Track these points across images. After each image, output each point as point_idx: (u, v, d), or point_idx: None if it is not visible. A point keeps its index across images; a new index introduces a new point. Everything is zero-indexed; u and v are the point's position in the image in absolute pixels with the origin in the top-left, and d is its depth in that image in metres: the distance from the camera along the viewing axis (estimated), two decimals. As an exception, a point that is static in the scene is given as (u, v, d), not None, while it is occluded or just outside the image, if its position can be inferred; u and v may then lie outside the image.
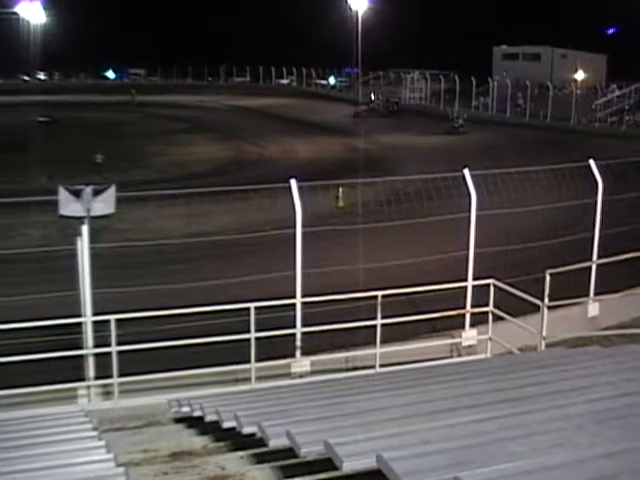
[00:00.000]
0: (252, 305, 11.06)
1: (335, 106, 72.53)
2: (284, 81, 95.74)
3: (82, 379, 11.23)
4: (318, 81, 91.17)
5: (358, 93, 74.97)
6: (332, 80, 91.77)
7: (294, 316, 11.96)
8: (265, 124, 62.58)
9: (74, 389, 11.27)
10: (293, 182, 12.08)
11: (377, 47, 65.79)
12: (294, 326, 11.97)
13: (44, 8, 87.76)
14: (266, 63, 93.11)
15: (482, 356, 12.71)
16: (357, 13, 70.47)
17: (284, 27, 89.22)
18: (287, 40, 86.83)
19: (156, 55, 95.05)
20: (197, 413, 8.70)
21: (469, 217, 13.32)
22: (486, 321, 12.86)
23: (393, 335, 12.69)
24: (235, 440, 7.72)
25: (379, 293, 11.94)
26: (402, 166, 39.88)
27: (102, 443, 6.73)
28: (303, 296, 12.02)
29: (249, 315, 11.13)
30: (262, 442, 6.78)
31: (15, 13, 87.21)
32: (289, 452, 6.33)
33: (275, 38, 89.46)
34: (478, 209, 13.34)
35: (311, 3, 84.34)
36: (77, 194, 11.02)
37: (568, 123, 55.86)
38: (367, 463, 4.95)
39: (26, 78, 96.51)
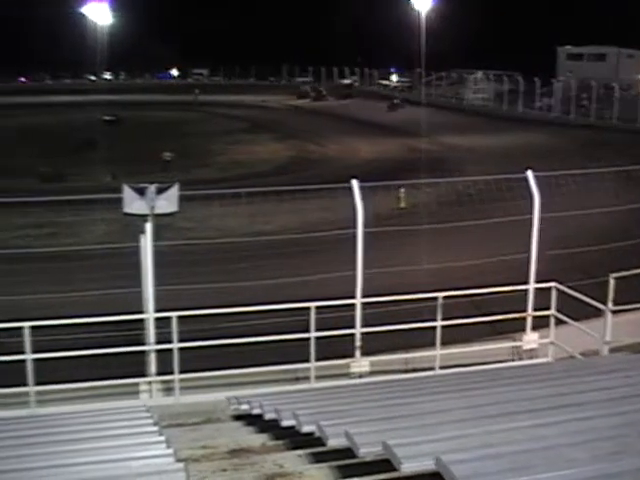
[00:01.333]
0: (313, 305, 11.06)
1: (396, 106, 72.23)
2: (346, 81, 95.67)
3: (144, 375, 11.36)
4: (380, 81, 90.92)
5: (421, 93, 74.53)
6: (394, 80, 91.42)
7: (354, 316, 11.93)
8: (326, 124, 62.64)
9: (136, 384, 11.41)
10: (354, 182, 12.05)
11: (440, 47, 65.35)
12: (354, 326, 11.95)
13: (111, 9, 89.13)
14: (328, 63, 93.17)
15: (543, 360, 12.54)
16: (420, 13, 70.13)
17: (347, 27, 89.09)
18: (349, 40, 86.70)
19: (219, 55, 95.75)
20: (256, 411, 8.74)
21: (531, 219, 13.14)
22: (548, 324, 12.69)
23: (453, 337, 12.60)
24: (293, 439, 7.74)
25: (440, 294, 11.86)
26: (464, 167, 39.59)
27: (162, 438, 6.80)
28: (363, 296, 11.99)
29: (309, 314, 11.13)
30: (320, 441, 6.78)
31: (82, 14, 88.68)
32: (347, 452, 6.33)
33: (338, 38, 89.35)
34: (540, 211, 13.16)
35: (374, 3, 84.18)
36: (141, 192, 11.15)
37: (634, 124, 54.80)
38: (426, 465, 4.93)
39: (93, 78, 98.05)
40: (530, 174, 13.12)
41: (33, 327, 10.16)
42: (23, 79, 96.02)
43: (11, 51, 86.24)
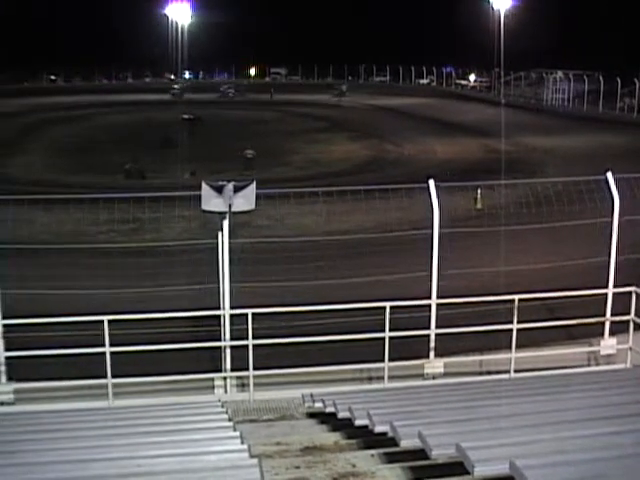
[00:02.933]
0: (387, 304, 11.06)
1: (474, 106, 71.53)
2: (424, 81, 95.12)
3: (219, 370, 11.50)
4: (458, 81, 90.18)
5: (500, 93, 73.73)
6: (472, 80, 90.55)
7: (429, 317, 11.89)
8: (404, 124, 62.39)
9: (211, 380, 11.57)
10: (431, 182, 12.01)
11: (519, 47, 64.47)
12: (428, 327, 11.90)
13: (191, 9, 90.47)
14: (406, 63, 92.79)
15: (621, 366, 12.30)
16: (499, 12, 69.50)
17: (424, 27, 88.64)
18: (427, 40, 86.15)
19: (297, 55, 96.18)
20: (330, 409, 8.79)
21: (611, 222, 12.90)
22: (626, 330, 12.44)
23: (527, 340, 12.45)
24: (366, 438, 7.76)
25: (516, 297, 11.73)
26: (543, 168, 39.01)
27: (237, 434, 6.89)
28: (438, 297, 11.94)
29: (384, 314, 11.13)
30: (393, 441, 6.80)
31: (165, 15, 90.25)
32: (420, 453, 6.33)
33: (415, 38, 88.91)
34: (621, 214, 12.91)
35: (452, 3, 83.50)
36: (219, 190, 11.30)
37: None
38: (499, 469, 4.91)
39: (172, 77, 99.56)
40: (610, 176, 12.89)
41: (112, 321, 10.38)
42: (105, 79, 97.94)
43: (94, 51, 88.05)
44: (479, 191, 27.99)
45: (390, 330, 11.12)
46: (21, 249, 15.42)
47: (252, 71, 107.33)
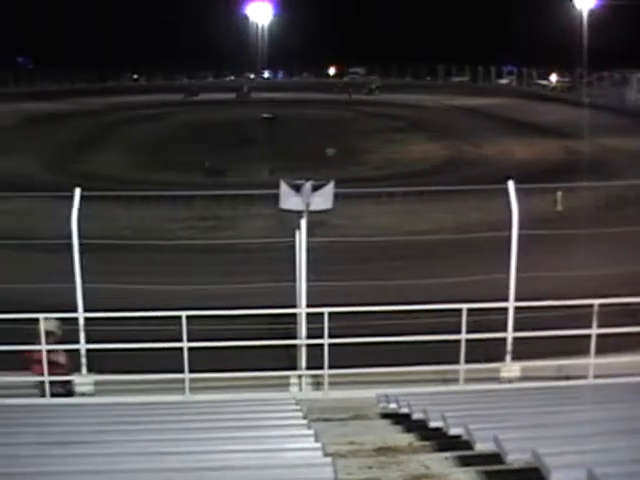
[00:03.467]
0: (464, 306, 10.96)
1: (555, 107, 70.36)
2: (503, 81, 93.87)
3: (294, 368, 11.56)
4: (538, 81, 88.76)
5: (582, 94, 72.35)
6: (553, 80, 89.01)
7: (506, 320, 11.75)
8: (482, 124, 61.75)
9: (286, 377, 11.64)
10: (510, 184, 11.86)
11: (602, 47, 63.27)
12: (505, 330, 11.77)
13: (272, 9, 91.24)
14: (486, 62, 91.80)
15: None
16: (582, 12, 68.34)
17: (503, 27, 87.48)
18: (507, 39, 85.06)
19: (376, 55, 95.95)
20: (404, 410, 8.76)
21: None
22: None
23: (608, 346, 12.20)
24: (440, 440, 7.72)
25: (596, 302, 11.51)
26: (625, 170, 38.21)
27: (311, 432, 6.92)
28: (516, 300, 11.79)
29: (461, 316, 11.04)
30: (468, 445, 6.75)
31: (245, 15, 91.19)
32: (495, 457, 6.27)
33: (496, 38, 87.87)
34: None
35: (533, 3, 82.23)
36: (297, 189, 11.36)
37: None
38: (576, 477, 4.83)
39: (252, 76, 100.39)
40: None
41: (190, 316, 10.52)
42: (187, 79, 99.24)
43: (176, 51, 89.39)
44: (559, 193, 27.59)
45: (467, 332, 11.03)
46: (103, 245, 15.75)
47: (331, 70, 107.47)
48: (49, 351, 10.80)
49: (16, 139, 53.34)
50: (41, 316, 10.51)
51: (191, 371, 10.69)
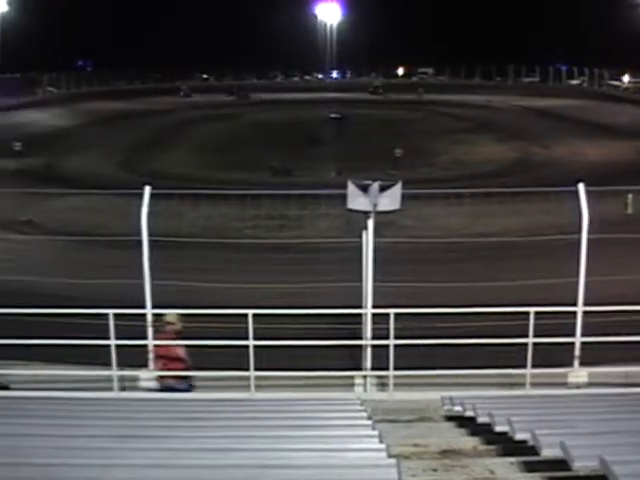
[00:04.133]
0: (532, 310, 10.81)
1: (627, 108, 69.01)
2: (574, 82, 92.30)
3: (359, 368, 11.56)
4: (610, 82, 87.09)
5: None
6: (625, 81, 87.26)
7: (574, 324, 11.57)
8: (552, 125, 60.85)
9: (351, 377, 11.63)
10: (580, 186, 11.67)
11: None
12: (573, 335, 11.58)
13: (341, 9, 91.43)
14: (556, 63, 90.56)
15: None
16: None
17: (575, 27, 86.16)
18: (578, 40, 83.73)
19: (444, 54, 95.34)
20: (469, 413, 8.69)
21: None
22: None
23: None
24: (506, 445, 7.64)
25: (667, 307, 11.26)
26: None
27: (375, 433, 6.89)
28: (585, 304, 11.60)
29: (528, 319, 10.89)
30: (534, 450, 6.67)
31: (314, 15, 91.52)
32: (561, 464, 6.18)
33: (566, 38, 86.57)
34: None
35: (607, 3, 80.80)
36: (365, 189, 11.35)
37: None
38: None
39: (320, 76, 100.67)
40: None
41: (256, 315, 10.58)
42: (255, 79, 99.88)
43: (245, 50, 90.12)
44: (629, 196, 27.08)
45: (534, 336, 10.88)
46: (171, 242, 15.95)
47: (400, 71, 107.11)
48: (171, 346, 11.06)
49: (89, 138, 54.47)
50: (110, 312, 10.68)
51: (257, 369, 10.75)
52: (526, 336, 10.86)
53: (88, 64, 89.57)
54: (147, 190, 11.60)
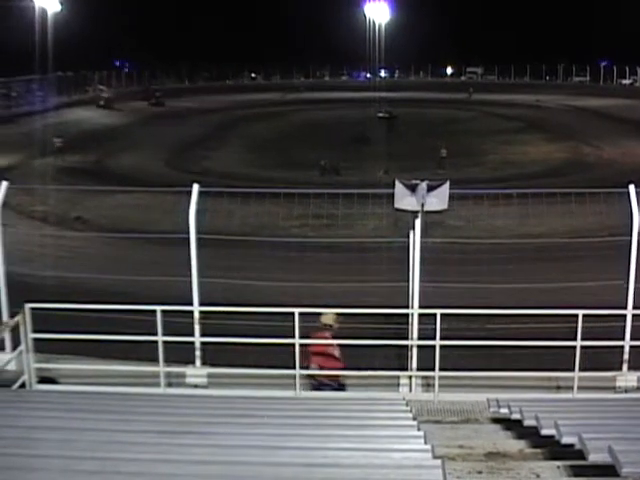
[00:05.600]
0: (580, 312, 10.70)
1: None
2: (626, 81, 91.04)
3: (405, 368, 11.53)
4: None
5: None
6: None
7: (623, 328, 11.42)
8: (604, 125, 60.10)
9: (397, 377, 11.62)
10: (631, 187, 11.52)
11: None
12: (622, 338, 11.44)
13: (390, 8, 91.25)
14: (606, 62, 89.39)
15: None
16: None
17: (626, 26, 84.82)
18: (630, 39, 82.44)
19: (494, 54, 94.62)
20: (515, 416, 8.63)
21: None
22: None
23: None
24: (552, 448, 7.58)
25: None
26: None
27: (420, 433, 6.87)
28: (635, 307, 11.45)
29: (576, 322, 10.78)
30: (581, 455, 6.60)
31: (363, 14, 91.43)
32: (608, 469, 6.12)
33: (616, 37, 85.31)
34: None
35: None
36: (412, 189, 11.32)
37: None
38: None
39: (368, 75, 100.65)
40: None
41: (302, 313, 10.61)
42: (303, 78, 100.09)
43: (293, 50, 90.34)
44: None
45: (582, 339, 10.76)
46: (218, 240, 16.04)
47: (448, 70, 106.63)
48: (327, 345, 11.18)
49: (138, 135, 55.07)
50: (158, 308, 10.79)
51: (302, 368, 10.79)
52: (574, 339, 10.75)
53: (124, 64, 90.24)
54: (196, 188, 11.70)
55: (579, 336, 10.70)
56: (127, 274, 17.91)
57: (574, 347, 10.78)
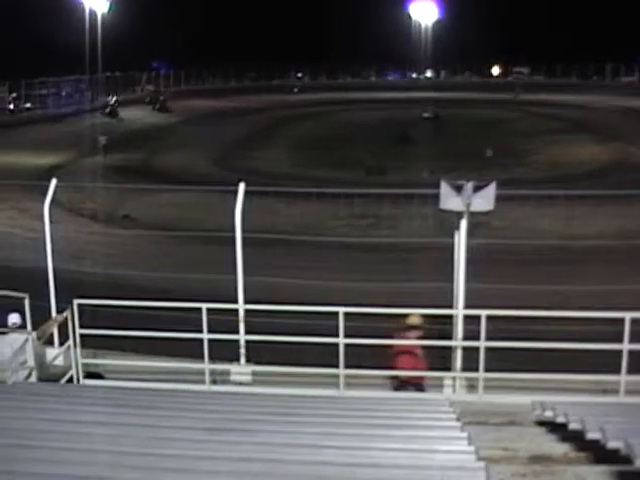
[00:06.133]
0: (628, 315, 10.56)
1: None
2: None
3: (448, 369, 11.50)
4: None
5: None
6: None
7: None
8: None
9: (440, 378, 11.59)
10: (682, 190, 11.36)
11: None
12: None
13: (436, 8, 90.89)
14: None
15: None
16: None
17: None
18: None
19: (540, 54, 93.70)
20: (560, 419, 8.55)
21: None
22: None
23: None
24: (597, 453, 7.50)
25: None
26: None
27: (464, 435, 6.85)
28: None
29: (624, 325, 10.65)
30: (627, 459, 6.53)
31: (409, 14, 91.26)
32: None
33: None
34: None
35: None
36: (458, 189, 11.27)
37: None
38: None
39: (414, 76, 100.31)
40: None
41: (347, 313, 10.63)
42: (349, 77, 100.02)
43: (338, 49, 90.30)
44: None
45: (629, 342, 10.63)
46: (264, 239, 16.14)
47: (495, 70, 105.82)
48: (415, 346, 11.21)
49: (185, 135, 55.52)
50: (204, 306, 10.88)
51: (346, 367, 10.81)
52: (621, 342, 10.63)
53: (162, 66, 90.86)
54: (242, 187, 11.78)
55: (626, 339, 10.56)
56: (174, 272, 18.10)
57: (621, 350, 10.66)
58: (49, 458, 5.87)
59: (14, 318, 11.30)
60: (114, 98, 64.29)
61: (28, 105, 59.79)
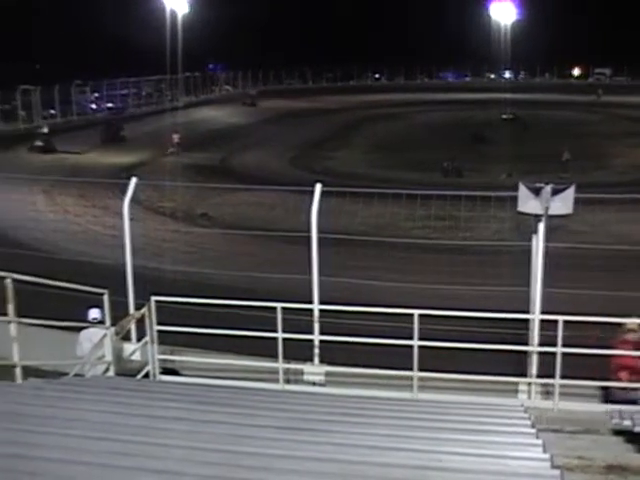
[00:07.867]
0: None
1: None
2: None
3: (523, 375, 11.35)
4: None
5: None
6: None
7: None
8: None
9: (515, 383, 11.45)
10: None
11: None
12: None
13: (515, 9, 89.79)
14: None
15: None
16: None
17: None
18: None
19: (623, 54, 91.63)
20: (638, 429, 8.39)
21: None
22: None
23: None
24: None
25: None
26: None
27: (539, 442, 6.76)
28: None
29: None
30: None
31: (488, 14, 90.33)
32: None
33: None
34: None
35: None
36: (536, 192, 11.15)
37: None
38: None
39: (492, 76, 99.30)
40: None
41: (422, 315, 10.58)
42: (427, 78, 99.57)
43: (414, 50, 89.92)
44: None
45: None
46: (340, 239, 16.16)
47: (575, 71, 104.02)
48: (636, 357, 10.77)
49: (263, 135, 56.01)
50: (278, 305, 10.96)
51: (420, 369, 10.76)
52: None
53: (217, 68, 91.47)
54: (318, 187, 11.83)
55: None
56: (250, 271, 18.26)
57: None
58: (123, 451, 5.98)
59: (94, 313, 11.56)
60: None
61: (110, 105, 61.06)
